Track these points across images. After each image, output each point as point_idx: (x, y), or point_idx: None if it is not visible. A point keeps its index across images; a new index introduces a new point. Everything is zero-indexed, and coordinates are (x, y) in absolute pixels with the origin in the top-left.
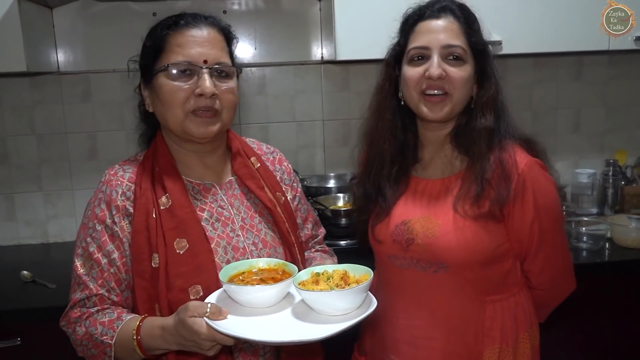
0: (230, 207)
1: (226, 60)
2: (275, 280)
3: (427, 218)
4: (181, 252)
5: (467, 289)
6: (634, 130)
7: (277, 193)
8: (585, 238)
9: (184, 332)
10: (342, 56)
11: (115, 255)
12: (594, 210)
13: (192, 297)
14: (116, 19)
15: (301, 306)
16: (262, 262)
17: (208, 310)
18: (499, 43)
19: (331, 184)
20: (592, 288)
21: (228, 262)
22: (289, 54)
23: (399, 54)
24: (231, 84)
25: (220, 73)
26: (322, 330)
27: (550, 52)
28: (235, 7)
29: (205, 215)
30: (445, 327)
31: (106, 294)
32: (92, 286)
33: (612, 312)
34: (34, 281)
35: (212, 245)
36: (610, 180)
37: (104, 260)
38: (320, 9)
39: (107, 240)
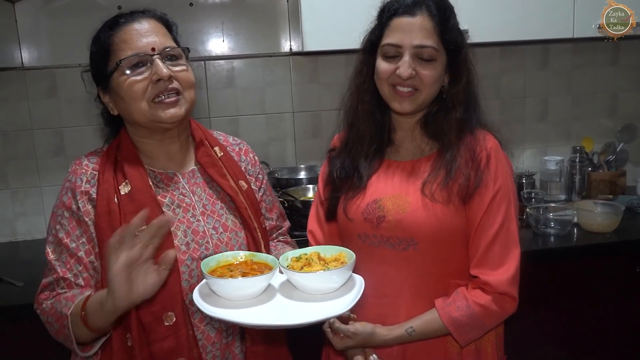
0: (191, 195)
1: (172, 43)
2: (255, 271)
3: (398, 196)
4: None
5: (433, 268)
6: (599, 118)
7: (240, 181)
8: (552, 224)
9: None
10: (310, 47)
11: (84, 239)
12: (562, 197)
13: None
14: (81, 13)
15: (286, 291)
16: (230, 256)
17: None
18: (466, 32)
19: (302, 175)
20: (560, 272)
21: (187, 244)
22: (258, 46)
23: (374, 44)
24: (183, 64)
25: (170, 57)
26: (336, 308)
27: (517, 40)
28: None
29: (166, 201)
30: (410, 307)
31: (72, 278)
32: (59, 271)
33: (580, 296)
34: (1, 279)
35: (172, 229)
36: (577, 167)
37: (72, 245)
38: (287, 1)
39: (75, 225)
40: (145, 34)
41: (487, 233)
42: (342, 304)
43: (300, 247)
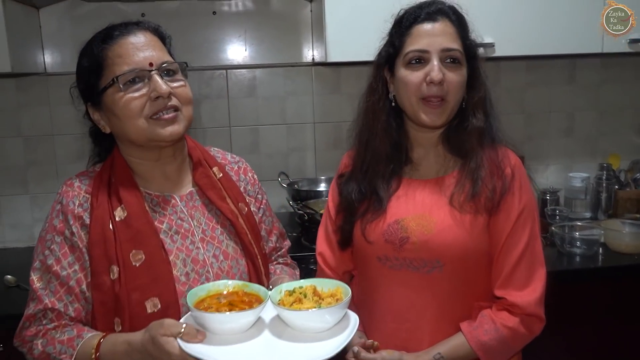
0: (190, 219)
1: (169, 58)
2: (245, 304)
3: (421, 216)
4: (137, 265)
5: (458, 291)
6: (627, 134)
7: (240, 204)
8: (578, 243)
9: (154, 350)
10: (333, 58)
11: (76, 266)
12: (587, 215)
13: (149, 311)
14: (104, 19)
15: (276, 327)
16: (222, 284)
17: (182, 330)
18: (492, 45)
19: (322, 187)
20: (585, 294)
21: (187, 275)
22: (280, 56)
23: (392, 56)
24: (181, 79)
25: (168, 72)
26: (323, 351)
27: (543, 54)
28: (225, 8)
29: (163, 227)
30: (434, 332)
31: (62, 309)
32: (47, 300)
33: (606, 319)
34: (18, 286)
35: (171, 258)
36: (604, 185)
37: (62, 273)
38: (311, 10)
39: (67, 251)
40: (141, 48)
41: (513, 253)
42: (332, 346)
43: (303, 266)
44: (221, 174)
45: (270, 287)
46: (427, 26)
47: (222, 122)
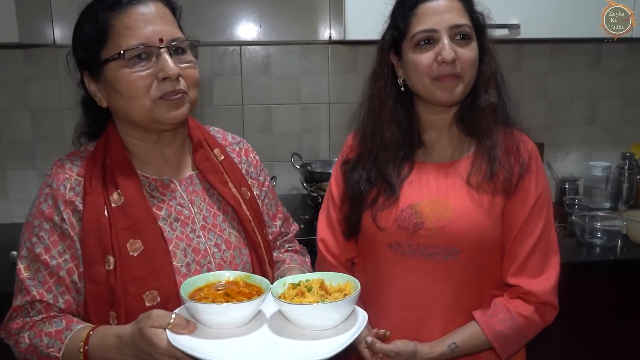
0: (190, 205)
1: (180, 34)
2: (244, 295)
3: (437, 201)
4: (135, 255)
5: (474, 278)
6: None
7: (243, 188)
8: (599, 234)
9: (141, 343)
10: (352, 36)
11: (67, 255)
12: (607, 205)
13: (147, 304)
14: None
15: (277, 322)
16: (223, 275)
17: (172, 321)
18: (517, 27)
19: None
20: (605, 287)
21: (188, 265)
22: (295, 33)
23: (397, 39)
24: (190, 58)
25: (177, 50)
26: (323, 350)
27: (569, 37)
28: None
29: (162, 214)
30: (446, 321)
31: (52, 301)
32: (35, 292)
33: (626, 314)
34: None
35: (171, 247)
36: (626, 174)
37: (52, 262)
38: None
39: (57, 239)
40: (152, 20)
41: (528, 240)
42: (334, 345)
43: (315, 250)
44: (222, 157)
45: (280, 277)
46: (432, 4)
47: (234, 101)
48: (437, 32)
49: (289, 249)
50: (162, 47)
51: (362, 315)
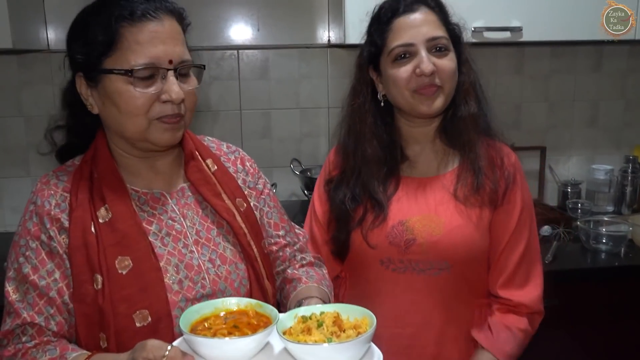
0: (182, 219)
1: (188, 56)
2: (251, 327)
3: (427, 216)
4: (124, 273)
5: (464, 291)
6: None
7: (238, 199)
8: (604, 239)
9: None
10: (353, 40)
11: (56, 275)
12: (610, 209)
13: (138, 325)
14: None
15: (284, 358)
16: (231, 302)
17: (167, 353)
18: (519, 29)
19: None
20: (611, 293)
21: (180, 282)
22: (294, 37)
23: (374, 55)
24: (194, 83)
25: (183, 72)
26: None
27: (571, 40)
28: None
29: (153, 228)
30: (439, 333)
31: (44, 323)
32: (25, 314)
33: (632, 317)
34: None
35: (162, 264)
36: (629, 178)
37: (41, 283)
38: None
39: (45, 258)
40: (164, 40)
41: (515, 251)
42: None
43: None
44: (215, 167)
45: (297, 302)
46: (407, 18)
47: (232, 105)
48: (414, 46)
49: (304, 263)
50: (170, 69)
51: (377, 355)
